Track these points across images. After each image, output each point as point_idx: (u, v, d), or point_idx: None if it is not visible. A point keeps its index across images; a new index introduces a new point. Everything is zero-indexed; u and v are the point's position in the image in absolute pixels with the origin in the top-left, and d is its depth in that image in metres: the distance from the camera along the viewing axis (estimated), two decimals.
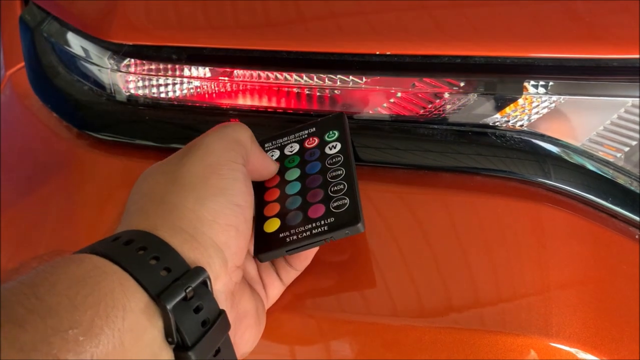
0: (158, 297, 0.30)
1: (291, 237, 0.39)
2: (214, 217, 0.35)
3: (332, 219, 0.39)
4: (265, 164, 0.43)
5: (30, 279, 0.28)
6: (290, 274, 0.42)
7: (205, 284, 0.32)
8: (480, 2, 0.45)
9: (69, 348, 0.26)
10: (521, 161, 0.45)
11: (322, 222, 0.39)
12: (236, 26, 0.48)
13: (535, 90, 0.44)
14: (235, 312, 0.36)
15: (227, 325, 0.34)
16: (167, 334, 0.30)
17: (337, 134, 0.45)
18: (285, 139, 0.47)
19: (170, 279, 0.31)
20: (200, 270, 0.32)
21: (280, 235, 0.40)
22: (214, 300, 0.33)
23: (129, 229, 0.34)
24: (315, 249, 0.42)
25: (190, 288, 0.31)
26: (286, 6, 0.47)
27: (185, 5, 0.50)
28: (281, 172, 0.45)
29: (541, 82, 0.44)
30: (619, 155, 0.45)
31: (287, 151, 0.46)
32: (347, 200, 0.40)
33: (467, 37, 0.44)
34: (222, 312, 0.33)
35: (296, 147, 0.46)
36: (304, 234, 0.39)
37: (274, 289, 0.41)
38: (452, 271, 0.42)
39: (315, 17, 0.47)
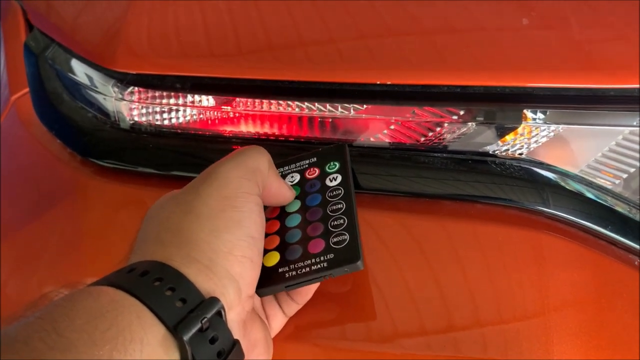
0: (175, 329, 0.30)
1: (290, 273, 0.39)
2: (229, 249, 0.35)
3: (332, 255, 0.39)
4: (282, 192, 0.42)
5: (49, 314, 0.29)
6: (292, 307, 0.42)
7: (219, 314, 0.33)
8: (480, 32, 0.46)
9: None
10: (520, 189, 0.45)
11: (322, 259, 0.39)
12: (239, 55, 0.49)
13: (534, 120, 0.45)
14: (247, 341, 0.36)
15: (241, 356, 0.34)
16: None
17: (337, 165, 0.45)
18: (286, 167, 0.47)
19: (185, 310, 0.31)
20: (214, 300, 0.33)
21: (280, 270, 0.40)
22: (229, 330, 0.33)
23: (144, 259, 0.34)
24: (316, 285, 0.42)
25: (205, 319, 0.31)
26: (288, 37, 0.48)
27: (188, 34, 0.50)
28: (277, 205, 0.44)
29: (540, 111, 0.44)
30: (617, 182, 0.46)
31: (287, 181, 0.46)
32: (346, 236, 0.40)
33: (467, 67, 0.45)
34: (236, 343, 0.33)
35: (297, 177, 0.46)
36: (303, 270, 0.39)
37: (277, 321, 0.41)
38: (453, 299, 0.42)
39: (317, 47, 0.48)
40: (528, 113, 0.45)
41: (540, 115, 0.45)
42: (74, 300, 0.30)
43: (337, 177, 0.45)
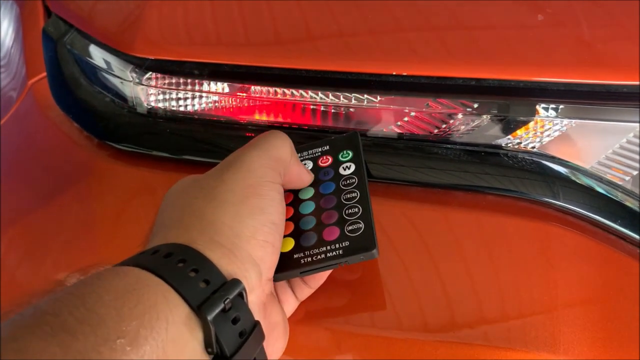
0: (199, 308, 0.31)
1: (305, 259, 0.40)
2: (252, 233, 0.35)
3: (347, 243, 0.40)
4: (302, 177, 0.43)
5: (79, 290, 0.29)
6: (305, 291, 0.42)
7: (241, 295, 0.33)
8: (496, 27, 0.46)
9: (116, 357, 0.27)
10: (531, 182, 0.46)
11: (337, 246, 0.40)
12: (256, 44, 0.49)
13: (546, 114, 0.45)
14: (267, 323, 0.37)
15: (262, 336, 0.34)
16: (207, 345, 0.31)
17: (351, 154, 0.46)
18: (299, 154, 0.47)
19: (209, 291, 0.32)
20: (237, 282, 0.33)
21: (295, 256, 0.40)
22: (250, 312, 0.34)
23: (166, 241, 0.34)
24: (330, 270, 0.42)
25: (228, 300, 0.32)
26: (306, 26, 0.49)
27: (207, 22, 0.51)
28: (295, 190, 0.45)
29: (553, 106, 0.45)
30: (627, 178, 0.46)
31: None
32: (361, 225, 0.40)
33: (482, 60, 0.45)
34: (257, 323, 0.34)
35: (310, 164, 0.46)
36: (319, 257, 0.39)
37: (289, 305, 0.42)
38: (462, 288, 0.43)
39: (334, 38, 0.48)
40: (541, 107, 0.45)
41: (553, 110, 0.45)
42: (102, 278, 0.30)
43: (350, 165, 0.45)
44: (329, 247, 0.40)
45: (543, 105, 0.45)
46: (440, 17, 0.48)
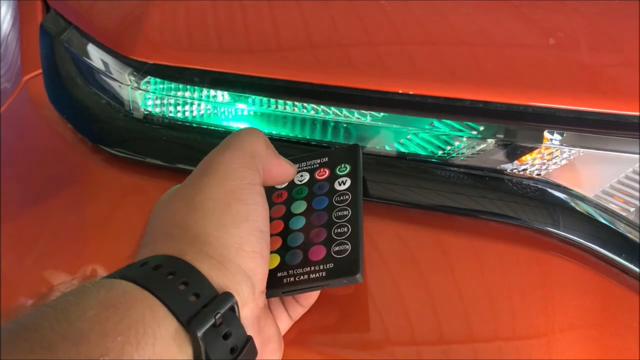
0: (188, 323, 0.30)
1: (288, 279, 0.38)
2: (239, 244, 0.34)
3: (331, 265, 0.38)
4: (283, 170, 0.41)
5: (61, 304, 0.28)
6: (297, 310, 0.41)
7: (233, 309, 0.32)
8: (504, 50, 0.45)
9: None
10: (532, 209, 0.45)
11: (321, 267, 0.38)
12: (259, 53, 0.48)
13: (553, 141, 0.44)
14: (261, 337, 0.36)
15: (254, 352, 0.33)
16: None
17: (348, 168, 0.44)
18: (297, 165, 0.46)
19: (199, 305, 0.31)
20: (228, 295, 0.32)
21: (278, 274, 0.39)
22: (242, 326, 0.33)
23: (154, 253, 0.33)
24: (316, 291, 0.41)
25: (219, 314, 0.31)
26: (311, 39, 0.48)
27: (209, 28, 0.50)
28: (288, 203, 0.44)
29: (560, 133, 0.44)
30: (631, 209, 0.45)
31: (296, 180, 0.45)
32: (348, 246, 0.39)
33: (490, 83, 0.44)
34: (249, 339, 0.33)
35: (306, 176, 0.45)
36: (302, 277, 0.38)
37: (282, 323, 0.41)
38: (458, 316, 0.42)
39: (339, 51, 0.47)
40: (548, 134, 0.44)
41: (560, 137, 0.44)
42: (86, 291, 0.29)
43: (346, 180, 0.43)
44: (312, 268, 0.38)
45: (551, 132, 0.44)
46: (449, 37, 0.46)
